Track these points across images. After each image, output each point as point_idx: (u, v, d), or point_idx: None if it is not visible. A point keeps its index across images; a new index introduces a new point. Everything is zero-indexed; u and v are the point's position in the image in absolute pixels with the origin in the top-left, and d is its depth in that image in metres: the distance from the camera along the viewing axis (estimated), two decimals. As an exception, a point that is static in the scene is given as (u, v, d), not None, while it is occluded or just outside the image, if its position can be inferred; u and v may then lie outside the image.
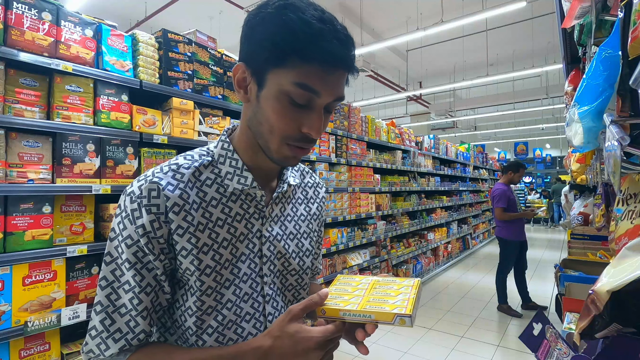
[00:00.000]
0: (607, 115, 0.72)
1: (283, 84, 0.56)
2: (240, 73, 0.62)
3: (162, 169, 0.64)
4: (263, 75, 0.58)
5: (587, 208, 3.09)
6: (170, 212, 0.60)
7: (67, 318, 1.62)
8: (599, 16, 0.95)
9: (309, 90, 0.56)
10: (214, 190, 0.66)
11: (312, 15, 0.54)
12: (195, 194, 0.64)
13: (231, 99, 2.47)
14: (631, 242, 0.57)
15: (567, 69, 2.13)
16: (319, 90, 0.56)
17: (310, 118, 0.59)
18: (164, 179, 0.62)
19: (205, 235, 0.63)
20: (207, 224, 0.64)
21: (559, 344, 0.79)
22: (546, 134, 19.16)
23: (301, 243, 0.77)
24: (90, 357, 0.60)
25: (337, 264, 3.42)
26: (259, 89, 0.60)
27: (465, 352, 3.16)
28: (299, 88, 0.56)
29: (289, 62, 0.55)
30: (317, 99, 0.57)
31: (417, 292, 0.60)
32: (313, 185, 0.86)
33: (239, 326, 0.66)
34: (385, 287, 0.64)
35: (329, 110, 0.62)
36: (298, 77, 0.55)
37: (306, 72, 0.55)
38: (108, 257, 0.61)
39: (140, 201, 0.59)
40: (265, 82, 0.58)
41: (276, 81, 0.57)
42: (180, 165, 0.65)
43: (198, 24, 7.57)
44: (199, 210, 0.63)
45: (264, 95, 0.59)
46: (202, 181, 0.65)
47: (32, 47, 1.56)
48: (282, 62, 0.55)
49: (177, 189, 0.62)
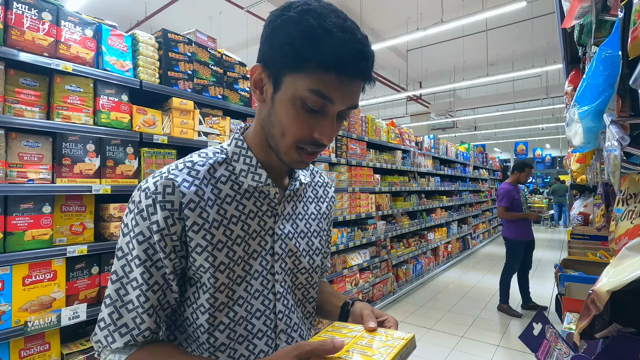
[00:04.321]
0: (607, 115, 0.72)
1: (299, 88, 0.56)
2: (258, 74, 0.62)
3: (177, 166, 0.65)
4: (280, 78, 0.58)
5: (587, 208, 3.09)
6: (185, 208, 0.61)
7: (67, 318, 1.62)
8: (599, 16, 0.95)
9: (324, 98, 0.56)
10: (228, 187, 0.66)
11: (334, 23, 0.54)
12: (210, 191, 0.64)
13: (231, 99, 2.46)
14: (631, 242, 0.57)
15: (567, 69, 2.13)
16: (334, 98, 0.57)
17: (322, 124, 0.59)
18: (179, 175, 0.62)
19: (220, 232, 0.64)
20: (222, 220, 0.64)
21: (559, 344, 0.79)
22: (546, 134, 19.17)
23: (311, 242, 0.78)
24: (99, 347, 0.62)
25: (337, 264, 3.42)
26: (275, 91, 0.60)
27: (465, 352, 3.16)
28: (314, 95, 0.56)
29: (306, 68, 0.55)
30: (331, 106, 0.58)
31: (403, 347, 0.56)
32: (323, 184, 0.87)
33: (249, 323, 0.66)
34: (374, 337, 0.60)
35: (342, 117, 0.62)
36: (314, 84, 0.55)
37: (323, 80, 0.55)
38: (120, 252, 0.62)
39: (155, 197, 0.60)
40: (281, 84, 0.58)
41: (292, 85, 0.57)
42: (195, 162, 0.66)
43: (198, 24, 7.57)
44: (214, 207, 0.64)
45: (279, 97, 0.59)
46: (217, 178, 0.66)
47: (32, 47, 1.56)
48: (300, 67, 0.55)
49: (193, 186, 0.63)
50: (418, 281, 5.16)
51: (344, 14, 0.57)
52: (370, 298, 4.01)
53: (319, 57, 0.54)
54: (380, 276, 4.19)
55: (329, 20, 0.54)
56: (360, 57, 0.55)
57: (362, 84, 0.60)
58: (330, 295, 0.86)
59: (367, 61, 0.57)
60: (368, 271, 3.98)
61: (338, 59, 0.54)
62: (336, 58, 0.54)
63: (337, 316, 0.79)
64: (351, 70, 0.55)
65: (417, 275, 5.18)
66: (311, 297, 0.79)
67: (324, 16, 0.54)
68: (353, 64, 0.55)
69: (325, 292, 0.88)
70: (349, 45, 0.54)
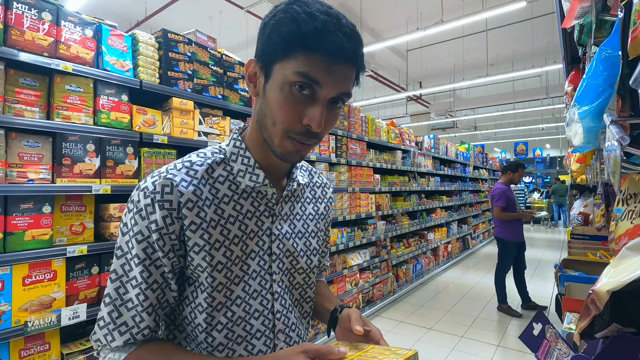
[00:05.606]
0: (607, 115, 0.72)
1: (286, 74, 0.57)
2: (252, 68, 0.63)
3: (175, 165, 0.65)
4: (270, 68, 0.59)
5: (587, 208, 3.09)
6: (183, 208, 0.61)
7: (67, 318, 1.62)
8: (599, 16, 0.95)
9: (311, 80, 0.56)
10: (226, 187, 0.67)
11: (318, 8, 0.56)
12: (208, 191, 0.65)
13: (231, 99, 2.46)
14: (631, 242, 0.57)
15: (567, 69, 2.13)
16: (321, 81, 0.56)
17: (311, 110, 0.58)
18: (177, 175, 0.63)
19: (218, 231, 0.64)
20: (219, 220, 0.64)
21: (559, 344, 0.79)
22: (546, 134, 19.15)
23: (309, 242, 0.78)
24: (98, 345, 0.62)
25: (337, 264, 3.42)
26: (266, 81, 0.61)
27: (465, 352, 3.16)
28: (301, 77, 0.56)
29: (293, 53, 0.56)
30: (319, 90, 0.57)
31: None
32: (321, 185, 0.87)
33: (247, 323, 0.67)
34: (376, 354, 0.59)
35: (335, 105, 0.61)
36: (300, 67, 0.56)
37: (308, 62, 0.55)
38: (119, 251, 0.63)
39: (154, 196, 0.60)
40: (272, 73, 0.59)
41: (281, 72, 0.58)
42: (193, 162, 0.66)
43: (198, 24, 7.57)
44: (212, 207, 0.64)
45: (269, 86, 0.60)
46: (215, 178, 0.66)
47: (32, 47, 1.56)
48: (288, 53, 0.56)
49: (191, 185, 0.63)
50: (418, 281, 5.16)
51: (328, 5, 0.59)
52: (370, 298, 4.02)
53: (303, 39, 0.54)
54: (380, 276, 4.19)
55: (313, 6, 0.56)
56: (345, 37, 0.56)
57: (352, 69, 0.59)
58: (324, 298, 0.87)
59: (351, 42, 0.57)
60: (368, 271, 3.98)
61: (321, 39, 0.54)
62: (319, 38, 0.54)
63: (327, 321, 0.80)
64: (336, 50, 0.55)
65: (417, 275, 5.18)
66: (308, 297, 0.79)
67: (309, 4, 0.56)
68: (337, 44, 0.55)
69: (320, 294, 0.88)
70: (333, 26, 0.55)
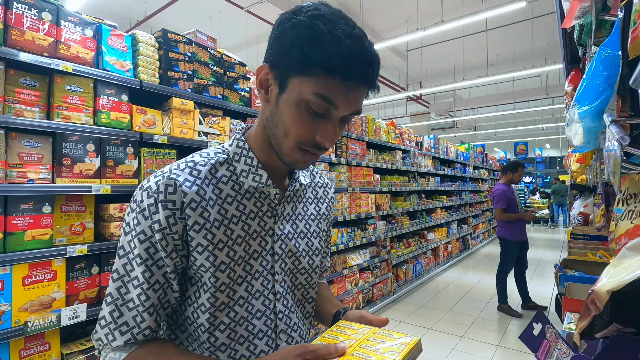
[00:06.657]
0: (607, 115, 0.72)
1: (304, 91, 0.57)
2: (264, 74, 0.63)
3: (178, 165, 0.65)
4: (286, 80, 0.59)
5: (587, 208, 3.09)
6: (187, 208, 0.61)
7: (67, 318, 1.62)
8: (599, 16, 0.95)
9: (328, 102, 0.57)
10: (229, 188, 0.67)
11: (343, 30, 0.55)
12: (212, 191, 0.65)
13: (231, 99, 2.46)
14: (631, 242, 0.57)
15: (567, 69, 2.13)
16: (338, 103, 0.58)
17: (325, 128, 0.60)
18: (181, 175, 0.63)
19: (221, 231, 0.64)
20: (223, 220, 0.65)
21: (559, 344, 0.79)
22: (546, 134, 19.16)
23: (311, 242, 0.78)
24: (99, 344, 0.62)
25: (337, 264, 3.42)
26: (280, 92, 0.60)
27: (465, 352, 3.16)
28: (319, 99, 0.57)
29: (313, 72, 0.56)
30: (335, 110, 0.59)
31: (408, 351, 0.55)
32: (323, 185, 0.87)
33: (250, 323, 0.67)
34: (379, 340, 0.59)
35: (344, 121, 0.63)
36: (319, 89, 0.56)
37: (328, 85, 0.56)
38: (121, 251, 0.63)
39: (157, 196, 0.60)
40: (287, 86, 0.59)
41: (297, 88, 0.58)
42: (196, 162, 0.66)
43: (198, 24, 7.57)
44: (215, 207, 0.64)
45: (284, 99, 0.60)
46: (218, 178, 0.67)
47: (32, 47, 1.56)
48: (307, 70, 0.56)
49: (195, 186, 0.63)
50: (418, 281, 5.16)
51: (352, 22, 0.58)
52: (370, 298, 4.02)
53: (326, 62, 0.54)
54: (380, 276, 4.19)
55: (338, 27, 0.55)
56: (367, 65, 0.56)
57: (367, 90, 0.60)
58: (326, 300, 0.87)
59: (372, 68, 0.58)
60: (368, 271, 3.98)
61: (345, 66, 0.54)
62: (343, 64, 0.54)
63: (329, 323, 0.79)
64: (357, 77, 0.56)
65: (417, 275, 5.18)
66: (310, 298, 0.79)
67: (334, 22, 0.55)
68: (359, 71, 0.56)
69: (322, 296, 0.88)
70: (356, 52, 0.55)
